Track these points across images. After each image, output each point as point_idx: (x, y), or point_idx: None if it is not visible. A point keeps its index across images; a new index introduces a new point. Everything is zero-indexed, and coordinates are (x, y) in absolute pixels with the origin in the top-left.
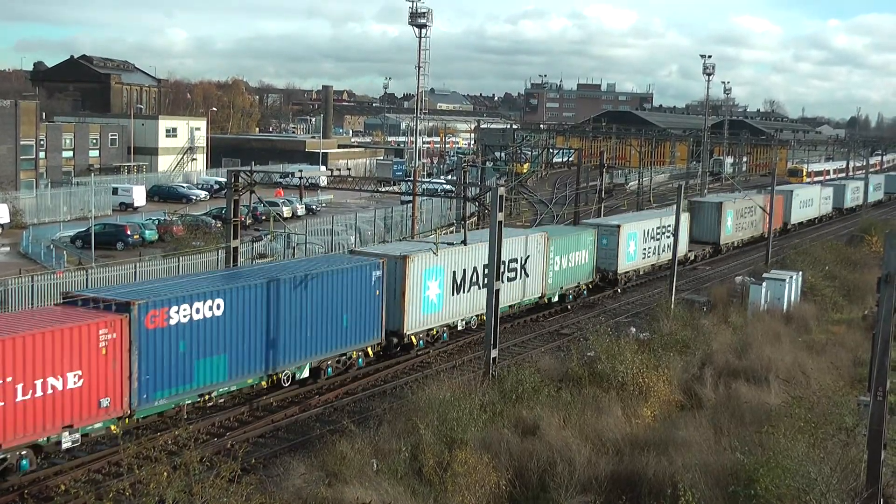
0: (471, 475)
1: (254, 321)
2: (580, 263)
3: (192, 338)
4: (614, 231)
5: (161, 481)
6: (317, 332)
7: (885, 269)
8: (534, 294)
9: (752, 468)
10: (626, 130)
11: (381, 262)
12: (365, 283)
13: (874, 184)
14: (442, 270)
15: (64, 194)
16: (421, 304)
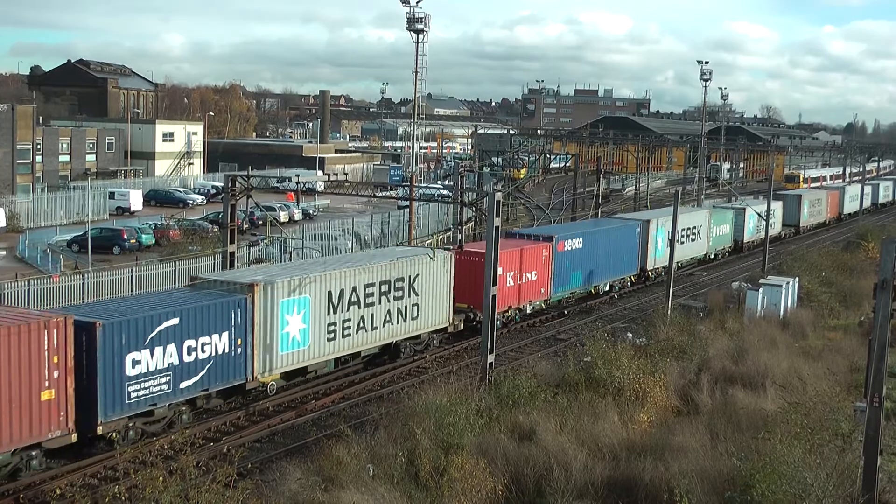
0: (467, 480)
1: (594, 254)
2: (725, 234)
3: (570, 259)
4: (741, 213)
5: (157, 486)
6: (609, 265)
7: (881, 275)
8: (700, 253)
9: (749, 474)
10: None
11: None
12: (630, 237)
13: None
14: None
15: (60, 198)
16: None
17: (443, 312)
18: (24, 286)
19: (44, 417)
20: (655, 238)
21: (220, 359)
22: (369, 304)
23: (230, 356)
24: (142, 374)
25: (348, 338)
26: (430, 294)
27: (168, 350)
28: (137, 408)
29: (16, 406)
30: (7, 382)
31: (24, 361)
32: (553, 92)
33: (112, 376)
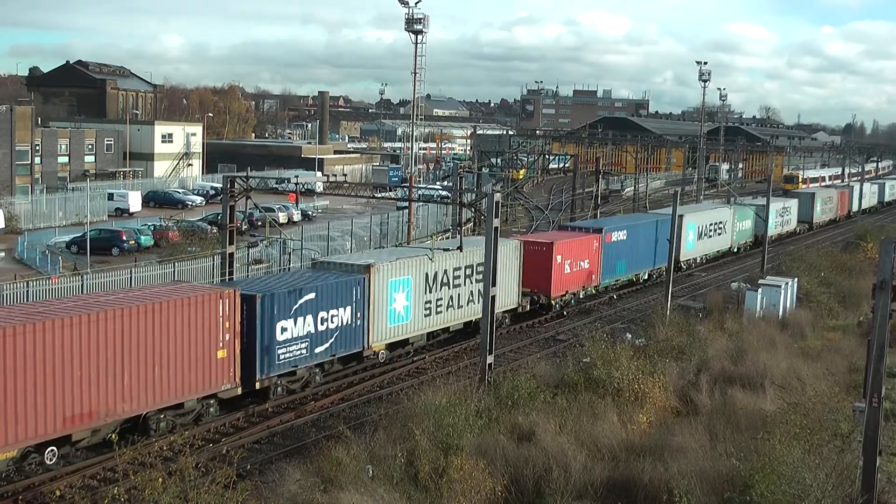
0: (466, 481)
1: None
2: (747, 229)
3: (616, 249)
4: (762, 209)
5: (156, 487)
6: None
7: (880, 276)
8: (725, 246)
9: (748, 474)
10: (623, 137)
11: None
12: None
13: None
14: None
15: (59, 200)
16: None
17: (514, 294)
18: (22, 287)
19: (218, 372)
20: (687, 232)
21: (345, 329)
22: (456, 285)
23: (352, 327)
24: (287, 340)
25: (440, 314)
26: (504, 278)
27: (307, 320)
28: (284, 368)
29: (200, 361)
30: (194, 342)
31: (206, 325)
32: (552, 93)
33: (267, 340)
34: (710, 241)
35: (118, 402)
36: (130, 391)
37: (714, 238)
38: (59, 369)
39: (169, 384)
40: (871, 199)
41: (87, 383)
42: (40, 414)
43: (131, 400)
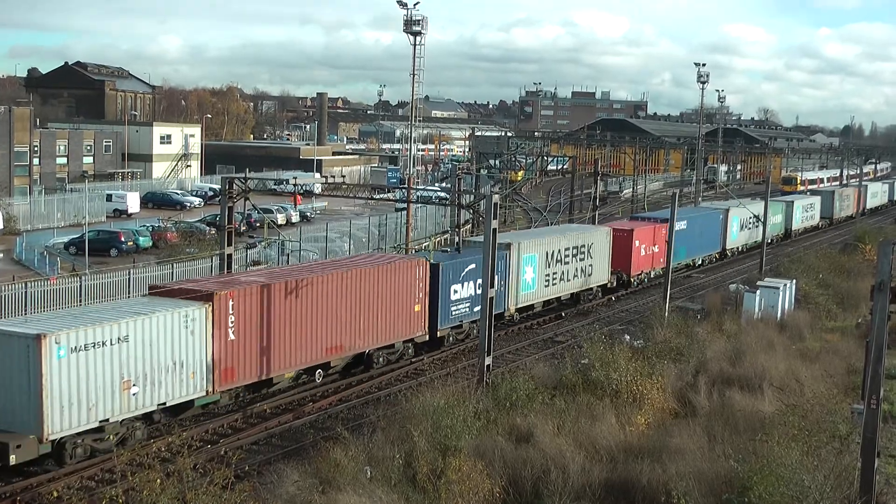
0: (464, 482)
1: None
2: (778, 222)
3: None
4: (790, 205)
5: (154, 488)
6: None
7: (878, 277)
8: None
9: (746, 476)
10: (621, 138)
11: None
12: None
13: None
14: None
15: (58, 201)
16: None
17: (605, 272)
18: (21, 288)
19: (415, 322)
20: (731, 224)
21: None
22: (566, 262)
23: (498, 293)
24: (457, 300)
25: (554, 286)
26: (598, 258)
27: (469, 285)
28: (454, 322)
29: (404, 313)
30: (401, 298)
31: (408, 286)
32: (550, 94)
33: (444, 299)
34: (750, 232)
35: (356, 340)
36: (363, 333)
37: (753, 230)
38: (324, 314)
39: (385, 329)
40: (881, 198)
41: (339, 325)
42: (312, 346)
43: (363, 339)
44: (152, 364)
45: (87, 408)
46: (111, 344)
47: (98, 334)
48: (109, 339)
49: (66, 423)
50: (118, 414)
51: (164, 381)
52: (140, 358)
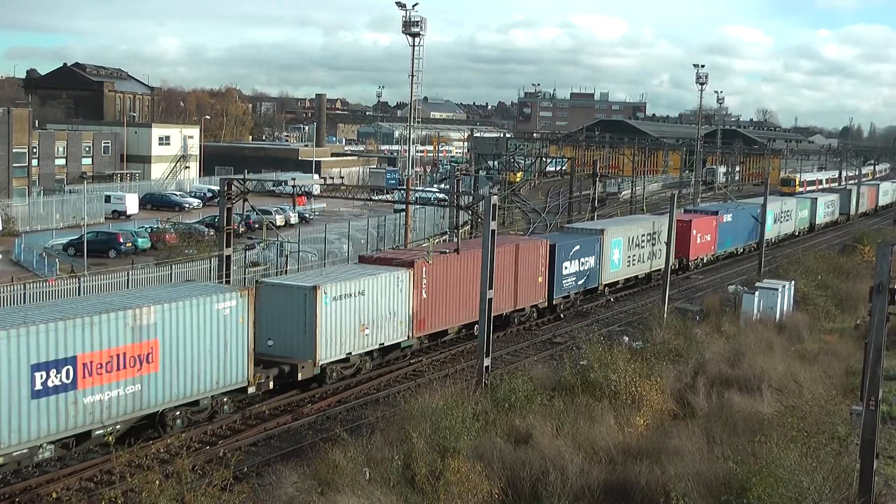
0: (463, 484)
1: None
2: (805, 217)
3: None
4: (815, 201)
5: (153, 489)
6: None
7: (877, 279)
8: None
9: (745, 477)
10: (619, 139)
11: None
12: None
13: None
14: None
15: (56, 202)
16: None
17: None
18: (20, 290)
19: (539, 291)
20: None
21: (590, 271)
22: (642, 246)
23: (594, 270)
24: (567, 274)
25: (633, 266)
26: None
27: (575, 263)
28: (564, 293)
29: (532, 284)
30: (531, 271)
31: (535, 261)
32: (549, 95)
33: (559, 273)
34: (782, 224)
35: (501, 303)
36: (505, 297)
37: (784, 223)
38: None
39: (519, 295)
40: (892, 196)
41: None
42: (472, 306)
43: (505, 303)
44: (377, 313)
45: (339, 343)
46: (354, 296)
47: (347, 288)
48: (353, 292)
49: (329, 354)
50: (357, 350)
51: (383, 326)
52: (370, 308)
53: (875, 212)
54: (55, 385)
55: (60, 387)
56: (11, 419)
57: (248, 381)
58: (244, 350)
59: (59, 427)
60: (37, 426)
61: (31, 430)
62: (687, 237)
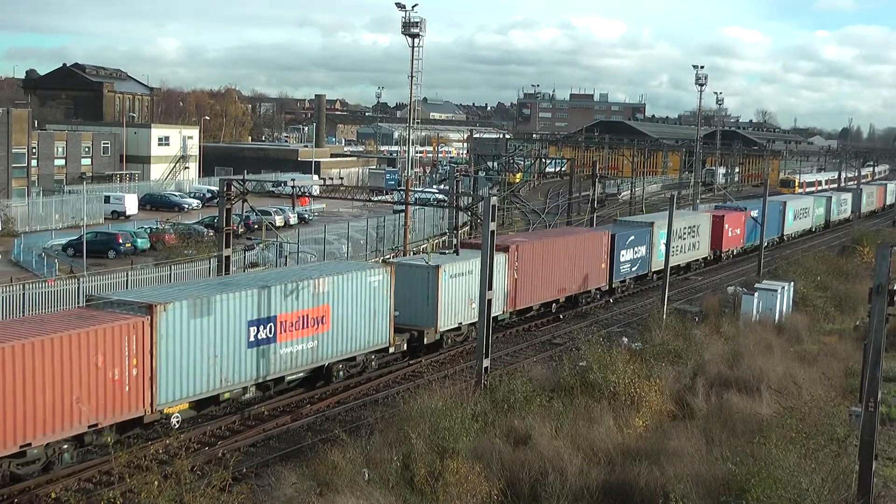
0: (462, 484)
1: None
2: (821, 214)
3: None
4: (829, 199)
5: (152, 490)
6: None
7: (876, 280)
8: (808, 227)
9: (744, 478)
10: (619, 140)
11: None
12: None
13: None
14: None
15: (56, 202)
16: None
17: (706, 248)
18: (19, 290)
19: (601, 275)
20: (788, 214)
21: (641, 259)
22: (684, 238)
23: (645, 259)
24: (623, 261)
25: (677, 255)
26: (702, 237)
27: (629, 251)
28: (621, 277)
29: (595, 269)
30: (595, 257)
31: (597, 250)
32: (548, 96)
33: (617, 260)
34: (800, 221)
35: (572, 285)
36: (575, 280)
37: (802, 220)
38: (558, 265)
39: (587, 279)
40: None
41: (564, 274)
42: (551, 287)
43: (576, 285)
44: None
45: (454, 314)
46: (465, 275)
47: (460, 268)
48: (465, 271)
49: (446, 323)
50: (466, 320)
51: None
52: (475, 285)
53: (883, 210)
54: (262, 338)
55: (265, 340)
56: (235, 363)
57: (390, 343)
58: (387, 317)
59: (263, 371)
60: (249, 370)
61: (246, 372)
62: (720, 231)
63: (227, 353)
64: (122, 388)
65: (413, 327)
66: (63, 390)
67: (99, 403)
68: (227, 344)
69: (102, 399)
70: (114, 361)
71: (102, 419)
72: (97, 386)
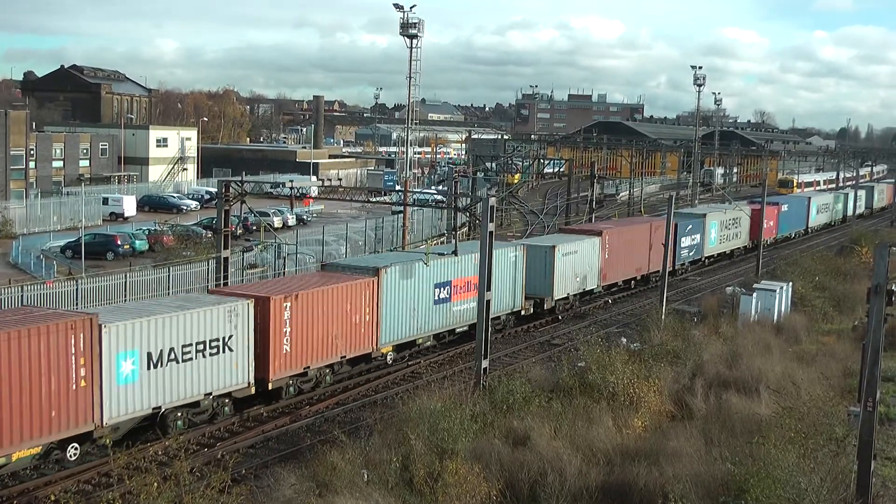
0: (461, 485)
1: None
2: (839, 209)
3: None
4: (846, 196)
5: (151, 492)
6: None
7: (874, 280)
8: (827, 221)
9: (743, 479)
10: (617, 141)
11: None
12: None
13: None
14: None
15: (54, 204)
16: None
17: (746, 237)
18: (17, 292)
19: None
20: (812, 208)
21: (696, 246)
22: (729, 228)
23: (698, 245)
24: (683, 247)
25: (724, 243)
26: (743, 227)
27: (687, 239)
28: (682, 261)
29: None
30: (641, 247)
31: (659, 237)
32: (547, 97)
33: (679, 246)
34: (822, 215)
35: (643, 266)
36: (643, 263)
37: (824, 214)
38: (633, 248)
39: (653, 261)
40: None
41: (636, 257)
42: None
43: (643, 267)
44: (582, 268)
45: (564, 286)
46: (573, 254)
47: (570, 248)
48: (573, 251)
49: (560, 293)
50: (573, 292)
51: (584, 277)
52: (580, 264)
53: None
54: (442, 297)
55: (444, 299)
56: (426, 317)
57: (522, 307)
58: (521, 286)
59: (442, 324)
60: (434, 322)
61: (432, 324)
62: (757, 222)
63: (421, 308)
64: (360, 330)
65: (535, 296)
66: (328, 329)
67: (347, 340)
68: (421, 301)
69: (349, 337)
70: (355, 309)
71: (348, 352)
72: (346, 327)
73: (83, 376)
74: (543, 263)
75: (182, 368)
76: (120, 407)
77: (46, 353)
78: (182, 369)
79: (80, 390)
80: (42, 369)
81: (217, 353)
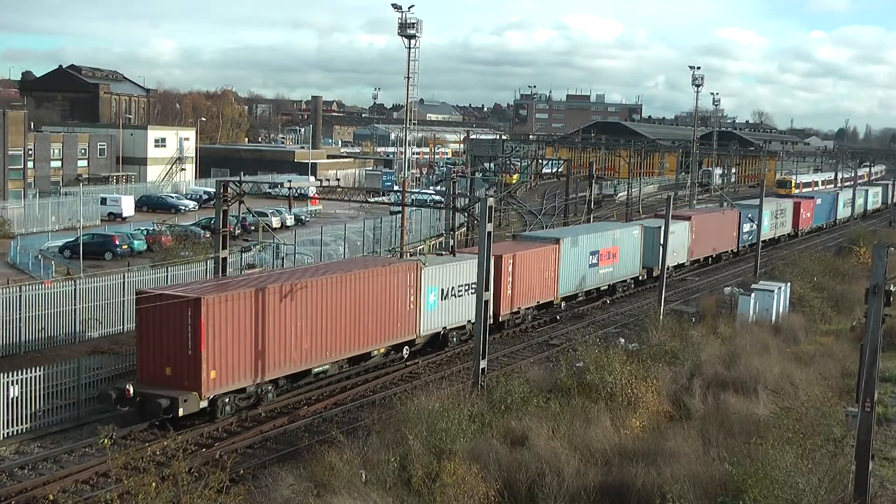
0: (459, 486)
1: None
2: (859, 204)
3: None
4: (866, 192)
5: (149, 492)
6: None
7: (873, 280)
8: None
9: (741, 479)
10: (616, 141)
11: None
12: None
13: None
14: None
15: (52, 204)
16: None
17: (789, 226)
18: (15, 292)
19: (731, 243)
20: (840, 202)
21: (753, 231)
22: (777, 217)
23: (755, 231)
24: (744, 233)
25: (773, 231)
26: (787, 217)
27: (747, 225)
28: (744, 244)
29: (728, 238)
30: (727, 230)
31: (731, 224)
32: (545, 97)
33: (740, 231)
34: (846, 209)
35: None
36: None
37: (847, 208)
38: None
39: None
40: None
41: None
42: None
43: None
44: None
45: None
46: (672, 234)
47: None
48: (673, 232)
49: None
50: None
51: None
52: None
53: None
54: (593, 263)
55: (594, 264)
56: (584, 279)
57: (640, 275)
58: (639, 257)
59: (594, 283)
60: (589, 281)
61: (588, 282)
62: (798, 213)
63: (582, 270)
64: (547, 283)
65: (647, 266)
66: (532, 281)
67: (541, 290)
68: (581, 265)
69: (542, 288)
70: (545, 268)
71: (541, 299)
72: (540, 281)
73: (412, 301)
74: (652, 241)
75: (457, 302)
76: (428, 324)
77: (395, 284)
78: (457, 303)
79: (410, 311)
80: (394, 294)
81: (472, 293)
